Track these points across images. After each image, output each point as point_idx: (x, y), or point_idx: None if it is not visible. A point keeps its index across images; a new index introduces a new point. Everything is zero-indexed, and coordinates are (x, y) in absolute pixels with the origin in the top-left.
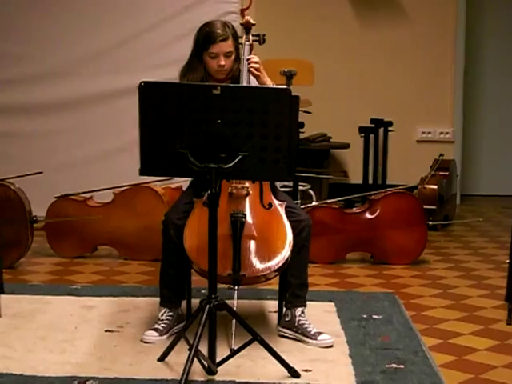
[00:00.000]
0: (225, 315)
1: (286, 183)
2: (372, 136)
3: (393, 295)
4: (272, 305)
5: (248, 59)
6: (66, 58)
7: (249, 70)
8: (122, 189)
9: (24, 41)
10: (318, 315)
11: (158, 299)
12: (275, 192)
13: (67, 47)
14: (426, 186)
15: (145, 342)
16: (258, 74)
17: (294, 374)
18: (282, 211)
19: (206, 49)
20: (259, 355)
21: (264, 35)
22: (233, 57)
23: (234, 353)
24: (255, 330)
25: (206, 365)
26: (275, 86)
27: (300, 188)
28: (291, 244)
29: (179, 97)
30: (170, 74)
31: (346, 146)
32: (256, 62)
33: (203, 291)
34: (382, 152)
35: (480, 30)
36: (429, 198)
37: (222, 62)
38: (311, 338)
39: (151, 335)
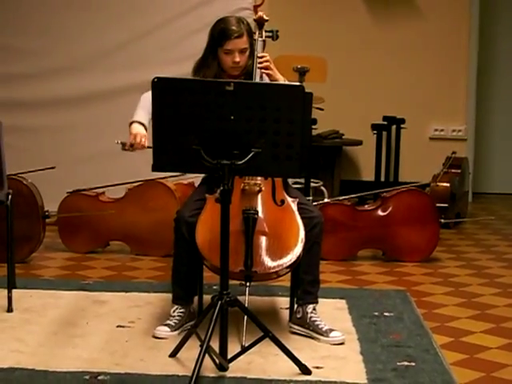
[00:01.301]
0: (236, 311)
1: (297, 180)
2: (384, 133)
3: (404, 293)
4: (283, 301)
5: (259, 57)
6: (80, 53)
7: (259, 69)
8: (135, 184)
9: (40, 36)
10: (330, 312)
11: (169, 295)
12: (287, 189)
13: (82, 42)
14: (438, 183)
15: (156, 338)
16: (268, 71)
17: (306, 370)
18: (295, 208)
19: (221, 45)
20: (270, 352)
21: (277, 31)
22: (247, 53)
23: (245, 349)
24: (266, 327)
25: (218, 361)
26: (288, 83)
27: (312, 185)
28: (303, 241)
29: (192, 93)
30: (185, 69)
31: (358, 143)
32: (266, 61)
33: (215, 287)
34: (394, 149)
35: (493, 28)
36: (441, 196)
37: (237, 59)
38: (323, 335)
39: (163, 330)
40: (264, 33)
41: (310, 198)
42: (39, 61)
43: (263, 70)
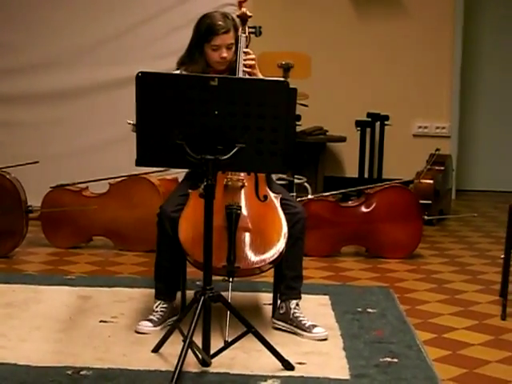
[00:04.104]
0: (219, 307)
1: (281, 176)
2: (368, 130)
3: (387, 289)
4: (266, 297)
5: (245, 52)
6: (64, 48)
7: (244, 65)
8: (118, 179)
9: (23, 30)
10: (313, 308)
11: (152, 290)
12: (271, 184)
13: (66, 37)
14: (421, 180)
15: (139, 332)
16: (252, 70)
17: (288, 366)
18: (278, 203)
19: (208, 41)
20: (253, 347)
21: (260, 27)
22: (233, 48)
23: (228, 345)
24: (250, 322)
25: (200, 356)
26: (273, 78)
27: (296, 181)
28: (286, 236)
29: (176, 88)
30: (169, 64)
31: (342, 139)
32: (252, 59)
33: (198, 283)
34: (378, 146)
35: (478, 25)
36: (424, 193)
37: (225, 54)
38: (305, 331)
39: (145, 325)
40: (247, 29)
41: (294, 194)
42: (22, 56)
43: (246, 69)
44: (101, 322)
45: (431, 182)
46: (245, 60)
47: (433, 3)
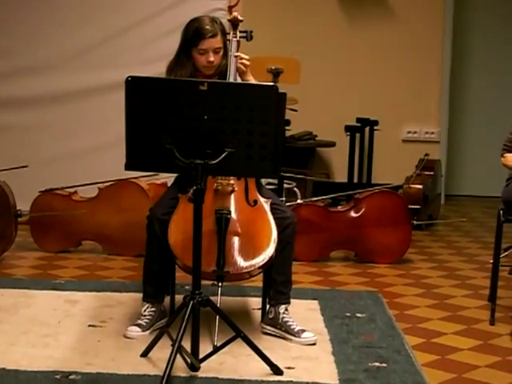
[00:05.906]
0: (208, 311)
1: (271, 181)
2: (358, 135)
3: (376, 294)
4: (256, 302)
5: (237, 56)
6: (53, 52)
7: (237, 67)
8: (107, 184)
9: (12, 34)
10: (302, 313)
11: (141, 295)
12: (260, 189)
13: (55, 41)
14: (410, 185)
15: (127, 338)
16: (245, 70)
17: (277, 371)
18: (267, 208)
19: (196, 45)
20: (242, 352)
21: (251, 32)
22: (221, 53)
23: (217, 349)
24: (238, 327)
25: (189, 361)
26: (262, 83)
27: (285, 186)
28: (276, 241)
29: (166, 92)
30: (158, 69)
31: (331, 144)
32: (246, 59)
33: (187, 287)
34: (367, 151)
35: (467, 31)
36: (413, 198)
37: (212, 59)
38: (294, 336)
39: (134, 331)
40: (238, 33)
41: (283, 198)
42: (11, 60)
43: (241, 67)
44: (89, 326)
45: (420, 187)
46: (240, 60)
47: (422, 9)
